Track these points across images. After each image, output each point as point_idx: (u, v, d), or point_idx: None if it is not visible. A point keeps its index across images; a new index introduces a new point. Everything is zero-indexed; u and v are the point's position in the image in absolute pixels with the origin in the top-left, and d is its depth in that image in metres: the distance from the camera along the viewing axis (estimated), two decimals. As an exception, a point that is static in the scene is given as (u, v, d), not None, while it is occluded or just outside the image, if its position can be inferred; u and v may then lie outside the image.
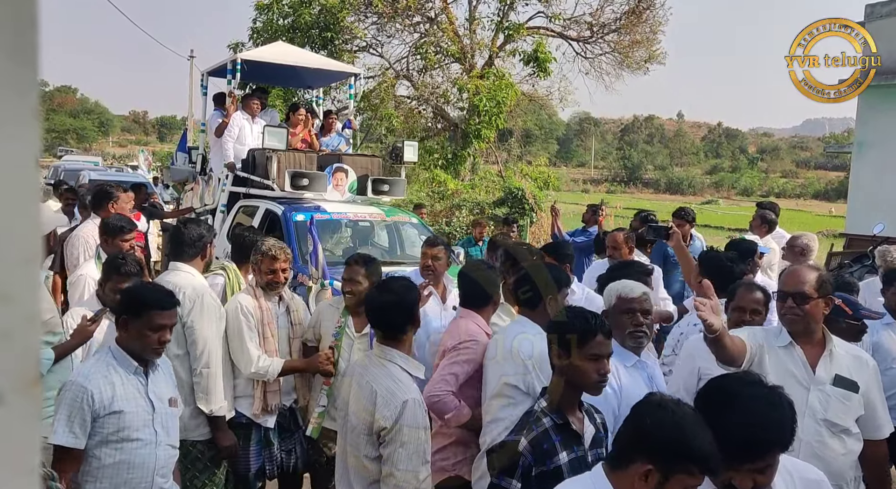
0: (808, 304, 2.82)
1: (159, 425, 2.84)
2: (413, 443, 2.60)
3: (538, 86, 18.40)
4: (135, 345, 2.82)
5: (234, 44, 17.27)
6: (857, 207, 12.37)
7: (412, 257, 7.16)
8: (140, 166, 32.11)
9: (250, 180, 7.88)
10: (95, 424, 2.71)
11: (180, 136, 13.28)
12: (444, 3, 17.11)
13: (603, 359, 2.45)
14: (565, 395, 2.47)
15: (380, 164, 8.44)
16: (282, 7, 16.54)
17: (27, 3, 0.45)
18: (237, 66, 8.36)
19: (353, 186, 7.84)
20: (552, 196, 16.76)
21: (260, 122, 8.37)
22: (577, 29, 18.21)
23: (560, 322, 2.57)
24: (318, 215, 6.70)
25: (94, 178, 15.54)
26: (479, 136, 15.84)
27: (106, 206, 5.44)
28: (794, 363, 2.84)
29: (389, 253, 7.40)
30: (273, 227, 6.96)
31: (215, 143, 8.54)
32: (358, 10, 16.45)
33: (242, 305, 3.77)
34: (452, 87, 16.91)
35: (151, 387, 2.86)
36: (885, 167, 11.80)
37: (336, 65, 10.48)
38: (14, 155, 0.45)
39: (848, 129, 67.25)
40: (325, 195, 7.51)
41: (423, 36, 17.09)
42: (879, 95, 11.83)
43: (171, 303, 2.89)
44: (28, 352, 0.45)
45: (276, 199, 7.40)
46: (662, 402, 1.88)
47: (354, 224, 7.64)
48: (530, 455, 2.35)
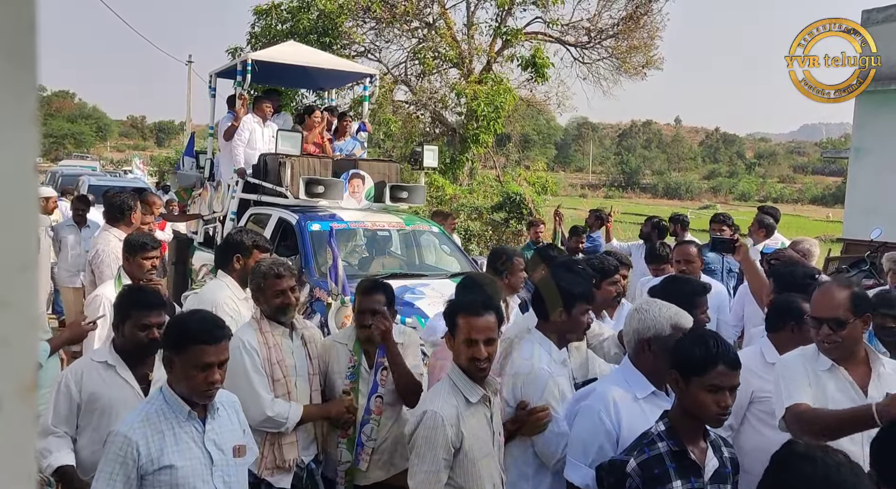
0: (846, 330, 2.63)
1: (220, 480, 2.44)
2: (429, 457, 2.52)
3: (536, 91, 18.42)
4: (182, 387, 2.42)
5: (232, 48, 17.28)
6: (855, 212, 12.39)
7: (433, 269, 6.97)
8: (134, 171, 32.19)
9: (261, 187, 7.52)
10: (144, 482, 2.33)
11: (187, 140, 12.71)
12: (443, 9, 17.14)
13: (724, 391, 2.22)
14: (685, 423, 2.31)
15: (397, 169, 8.01)
16: (280, 12, 16.56)
17: (26, 7, 0.45)
18: (247, 67, 7.99)
19: (370, 193, 7.41)
20: (550, 200, 16.78)
21: (272, 126, 8.04)
22: (574, 34, 18.24)
23: (681, 345, 2.37)
24: (335, 224, 6.43)
25: (94, 184, 15.48)
26: (478, 141, 15.84)
27: (128, 218, 5.25)
28: (842, 387, 2.65)
29: (408, 264, 7.08)
30: (286, 237, 6.71)
31: (224, 147, 8.20)
32: (356, 15, 16.47)
33: (245, 342, 3.20)
34: (450, 92, 16.92)
35: (210, 434, 2.45)
36: (882, 172, 11.82)
37: (351, 65, 10.04)
38: (12, 160, 0.45)
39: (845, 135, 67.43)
40: (341, 203, 7.11)
41: (421, 41, 17.11)
42: (876, 101, 11.86)
43: (219, 337, 2.45)
44: (26, 358, 0.45)
45: (288, 206, 7.02)
46: (809, 453, 1.62)
47: (373, 233, 7.27)
48: (639, 478, 2.24)
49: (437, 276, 6.39)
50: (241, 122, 7.82)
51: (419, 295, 5.66)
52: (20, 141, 0.46)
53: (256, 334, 3.27)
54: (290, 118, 9.20)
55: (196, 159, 9.78)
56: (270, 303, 3.32)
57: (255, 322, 3.35)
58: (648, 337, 2.59)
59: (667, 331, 2.55)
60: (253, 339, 3.24)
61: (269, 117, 8.13)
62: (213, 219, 8.28)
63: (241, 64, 8.12)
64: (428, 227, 7.50)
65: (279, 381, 3.22)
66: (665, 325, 2.57)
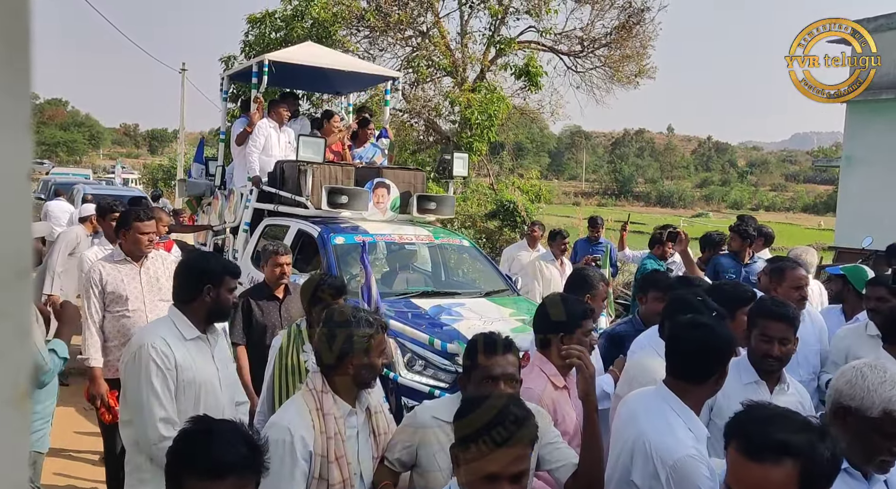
0: None
1: None
2: None
3: (529, 99, 18.50)
4: None
5: (225, 57, 17.29)
6: (846, 221, 12.46)
7: (465, 286, 6.62)
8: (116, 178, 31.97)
9: (278, 196, 6.96)
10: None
11: (196, 146, 11.99)
12: (436, 18, 17.21)
13: None
14: None
15: (423, 178, 7.37)
16: (274, 21, 16.59)
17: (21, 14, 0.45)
18: (264, 68, 7.49)
19: (395, 204, 6.86)
20: (544, 208, 16.80)
21: (288, 131, 7.59)
22: (567, 43, 18.33)
23: None
24: (360, 237, 5.97)
25: (88, 192, 15.22)
26: (471, 149, 15.86)
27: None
28: None
29: (434, 280, 6.60)
30: (304, 250, 6.24)
31: (238, 153, 7.73)
32: (350, 23, 16.51)
33: (295, 437, 2.29)
34: (444, 101, 16.97)
35: None
36: (873, 181, 11.90)
37: (372, 68, 9.45)
38: (5, 168, 0.45)
39: (836, 143, 67.78)
40: (365, 214, 6.59)
41: (415, 50, 17.16)
42: (867, 110, 11.96)
43: (229, 469, 1.77)
44: (19, 367, 0.45)
45: (307, 217, 6.50)
46: None
47: (398, 246, 6.69)
48: None
49: (471, 295, 6.05)
50: (255, 127, 7.38)
51: (456, 316, 5.32)
52: (14, 149, 0.46)
53: (313, 418, 2.35)
54: (307, 123, 8.69)
55: (206, 166, 9.35)
56: (360, 376, 2.42)
57: (312, 397, 2.40)
58: (850, 406, 2.09)
59: (874, 413, 2.03)
60: (308, 431, 2.32)
61: (285, 122, 7.68)
62: (223, 230, 7.87)
63: (258, 65, 7.68)
64: (458, 241, 6.98)
65: (334, 487, 2.34)
66: (875, 405, 2.04)
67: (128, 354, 2.83)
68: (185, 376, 2.77)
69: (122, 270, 4.32)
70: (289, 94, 8.84)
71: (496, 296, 6.09)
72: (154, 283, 4.37)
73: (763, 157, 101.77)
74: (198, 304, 2.87)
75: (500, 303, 5.79)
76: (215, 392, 2.87)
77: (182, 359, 2.77)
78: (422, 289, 6.03)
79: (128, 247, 4.34)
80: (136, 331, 3.18)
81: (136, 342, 2.84)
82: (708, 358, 2.35)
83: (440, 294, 5.90)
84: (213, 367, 2.89)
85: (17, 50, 0.45)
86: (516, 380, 2.37)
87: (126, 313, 4.27)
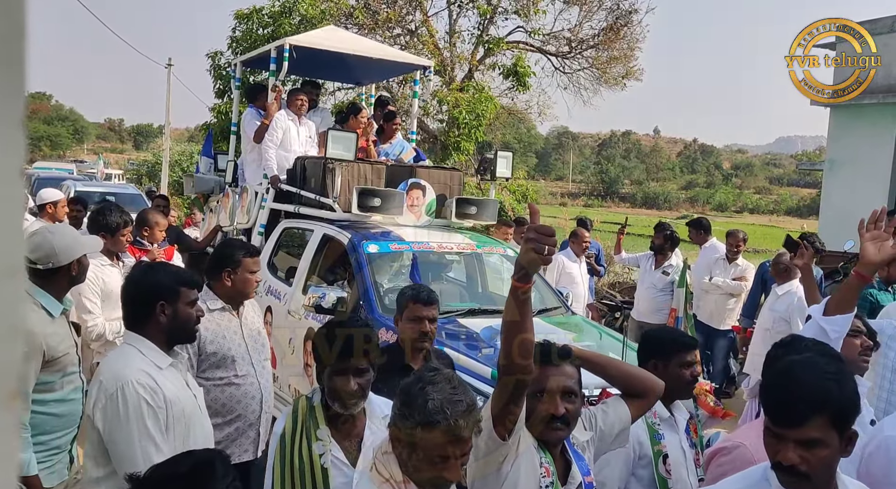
0: None
1: None
2: None
3: (517, 99, 18.56)
4: None
5: (212, 53, 17.18)
6: (829, 224, 12.58)
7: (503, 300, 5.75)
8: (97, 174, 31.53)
9: (299, 196, 6.21)
10: None
11: (205, 138, 11.04)
12: (425, 17, 17.21)
13: None
14: None
15: (460, 179, 6.42)
16: (261, 17, 16.51)
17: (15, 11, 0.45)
18: (284, 53, 6.68)
19: (430, 207, 6.06)
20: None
21: (308, 124, 6.91)
22: (555, 44, 18.40)
23: None
24: (396, 245, 5.32)
25: (81, 190, 14.22)
26: (459, 149, 15.89)
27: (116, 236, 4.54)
28: None
29: (470, 294, 5.77)
30: (330, 258, 5.52)
31: (252, 148, 6.99)
32: (338, 21, 16.46)
33: None
34: (432, 100, 16.98)
35: None
36: (855, 184, 12.03)
37: (402, 56, 8.46)
38: (-3, 164, 0.45)
39: (820, 148, 68.55)
40: (398, 219, 5.83)
41: (403, 48, 17.15)
42: (850, 114, 12.09)
43: None
44: (8, 366, 0.44)
45: (332, 221, 5.73)
46: None
47: (437, 256, 5.79)
48: None
49: None
50: (272, 120, 6.66)
51: None
52: (6, 146, 0.45)
53: None
54: (329, 115, 7.87)
55: (214, 160, 8.55)
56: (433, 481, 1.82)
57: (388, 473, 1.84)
58: None
59: None
60: None
61: (303, 114, 6.92)
62: (234, 230, 7.10)
63: (276, 50, 6.94)
64: (503, 250, 5.92)
65: None
66: None
67: (101, 396, 2.34)
68: (175, 411, 2.41)
69: (222, 322, 3.40)
70: (308, 83, 8.10)
71: (550, 315, 5.22)
72: (257, 337, 3.55)
73: (748, 160, 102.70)
74: (153, 327, 2.46)
75: (558, 325, 4.84)
76: (201, 420, 2.57)
77: (169, 393, 2.41)
78: (467, 305, 5.26)
79: (232, 290, 3.45)
80: (101, 369, 2.50)
81: (110, 380, 2.36)
82: None
83: (486, 312, 4.94)
84: (189, 392, 2.55)
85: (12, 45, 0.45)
86: (575, 395, 2.07)
87: (233, 380, 3.37)
